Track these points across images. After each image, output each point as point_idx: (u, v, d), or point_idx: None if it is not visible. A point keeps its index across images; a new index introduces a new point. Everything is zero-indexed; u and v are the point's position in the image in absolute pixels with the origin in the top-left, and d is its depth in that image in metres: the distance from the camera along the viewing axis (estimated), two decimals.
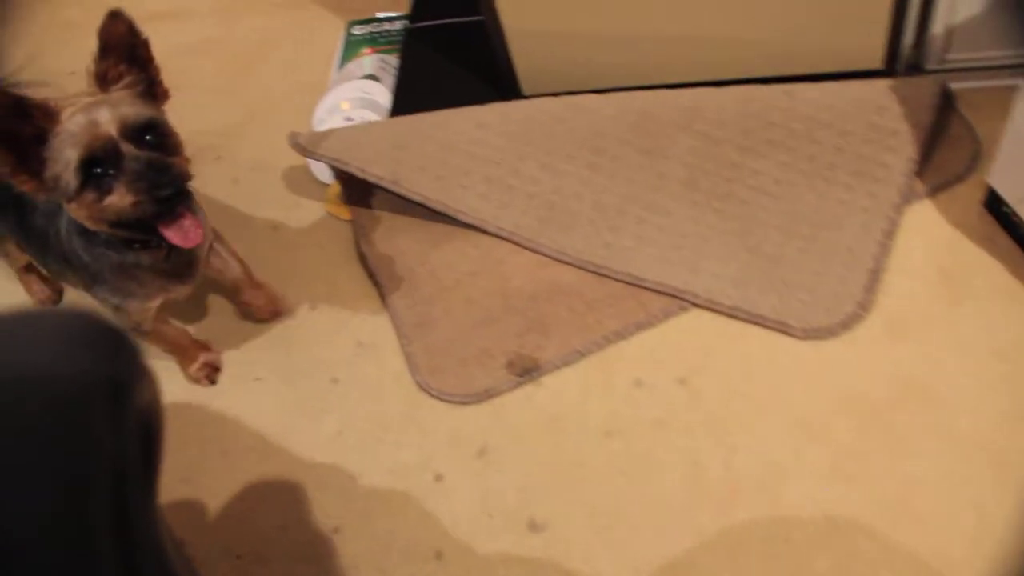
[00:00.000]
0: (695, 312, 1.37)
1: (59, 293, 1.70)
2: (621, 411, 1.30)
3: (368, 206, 1.57)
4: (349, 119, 1.72)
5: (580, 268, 1.43)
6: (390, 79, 1.81)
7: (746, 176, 1.44)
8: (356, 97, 1.76)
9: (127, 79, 1.14)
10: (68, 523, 0.65)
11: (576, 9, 1.44)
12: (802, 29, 1.45)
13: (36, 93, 1.27)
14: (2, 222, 1.41)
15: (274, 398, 1.43)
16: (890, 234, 1.37)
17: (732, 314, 1.34)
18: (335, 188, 1.64)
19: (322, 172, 1.68)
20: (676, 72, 1.53)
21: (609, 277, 1.41)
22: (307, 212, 1.68)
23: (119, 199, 1.09)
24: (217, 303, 1.59)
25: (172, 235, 1.13)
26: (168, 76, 1.19)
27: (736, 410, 1.27)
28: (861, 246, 1.36)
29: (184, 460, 1.39)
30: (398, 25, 1.95)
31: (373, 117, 1.71)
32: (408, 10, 1.96)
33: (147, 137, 1.11)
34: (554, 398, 1.33)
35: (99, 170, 1.08)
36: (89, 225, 1.15)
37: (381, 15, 1.99)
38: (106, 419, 0.69)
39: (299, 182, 1.73)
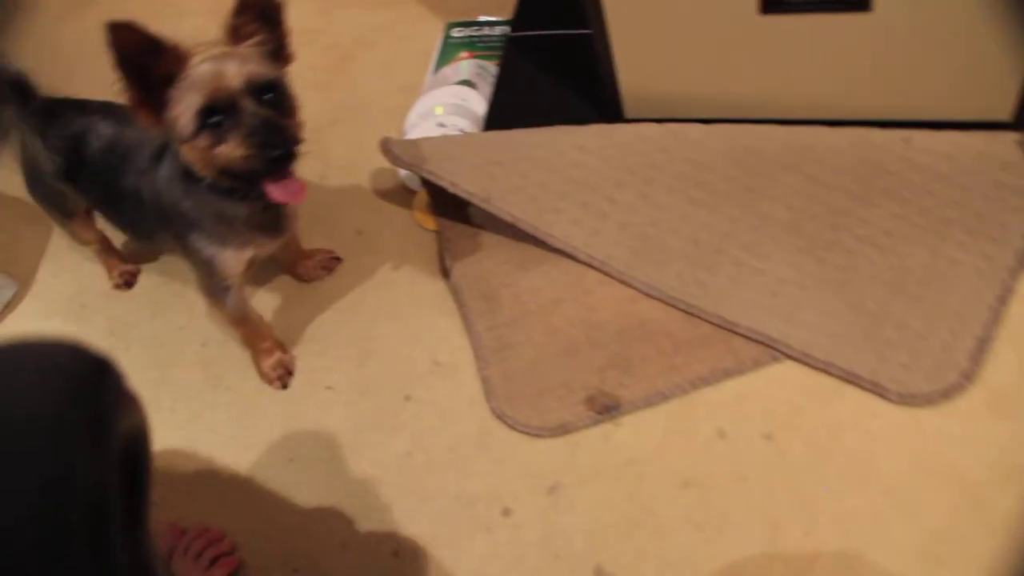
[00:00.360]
0: (787, 364, 1.33)
1: (135, 275, 1.72)
2: (701, 461, 1.27)
3: (456, 219, 1.56)
4: (442, 125, 1.70)
5: (670, 306, 1.39)
6: (486, 86, 1.79)
7: (854, 225, 1.39)
8: (451, 103, 1.75)
9: (258, 37, 1.21)
10: (45, 560, 0.65)
11: (690, 36, 1.41)
12: (927, 73, 1.40)
13: None
14: (87, 193, 1.49)
15: (345, 410, 1.42)
16: (1003, 300, 1.31)
17: (826, 370, 1.30)
18: (423, 196, 1.63)
19: (411, 178, 1.67)
20: (788, 108, 1.48)
21: (700, 318, 1.38)
22: (392, 218, 1.67)
23: (231, 150, 1.15)
24: (290, 309, 1.59)
25: (275, 191, 1.19)
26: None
27: (822, 473, 1.22)
28: (970, 311, 1.30)
29: (249, 463, 1.40)
30: (498, 31, 1.93)
31: (467, 125, 1.70)
32: (511, 16, 1.94)
33: (267, 96, 1.17)
34: (632, 440, 1.30)
35: (217, 119, 1.14)
36: (198, 169, 1.22)
37: (482, 19, 1.98)
38: (85, 453, 0.70)
39: (386, 186, 1.73)
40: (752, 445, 1.27)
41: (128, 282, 1.72)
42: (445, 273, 1.52)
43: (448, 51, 1.93)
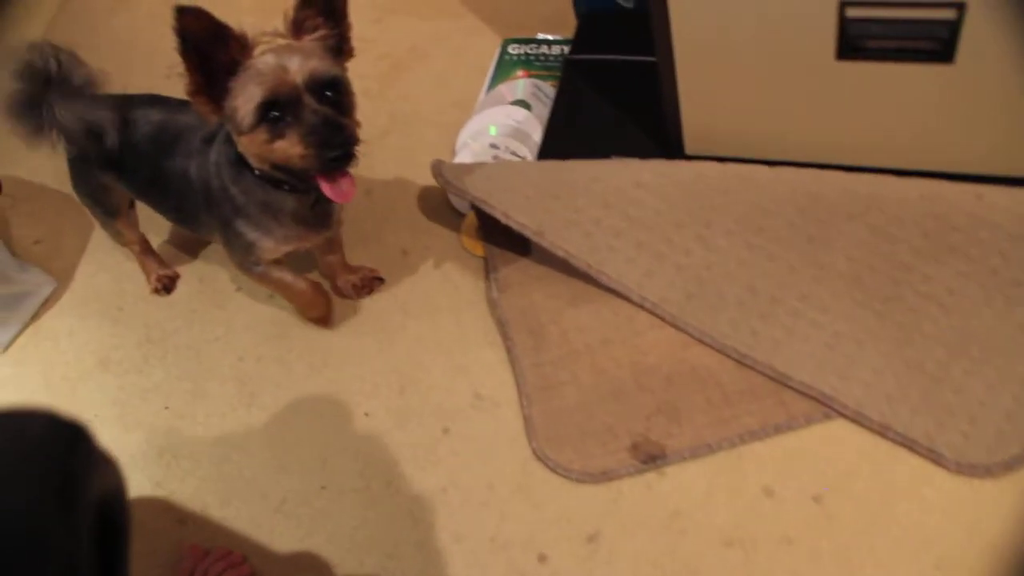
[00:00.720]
0: (840, 422, 1.30)
1: (174, 280, 1.72)
2: (746, 520, 1.24)
3: (504, 247, 1.54)
4: (495, 147, 1.69)
5: (722, 353, 1.37)
6: (542, 108, 1.77)
7: (917, 281, 1.36)
8: (504, 124, 1.73)
9: (321, 31, 1.21)
10: None
11: (761, 75, 1.38)
12: (1006, 127, 1.36)
13: None
14: (134, 180, 1.49)
15: (382, 438, 1.41)
16: None
17: (881, 432, 1.27)
18: (471, 220, 1.62)
19: (459, 201, 1.65)
20: (856, 154, 1.45)
21: (752, 368, 1.35)
22: (438, 240, 1.66)
23: (289, 146, 1.16)
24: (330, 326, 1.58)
25: (328, 189, 1.20)
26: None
27: (871, 541, 1.20)
28: None
29: (282, 488, 1.39)
30: (556, 50, 1.92)
31: (520, 147, 1.68)
32: (569, 35, 1.92)
33: (328, 93, 1.18)
34: (676, 492, 1.28)
35: (277, 113, 1.15)
36: (252, 161, 1.23)
37: (541, 37, 1.96)
38: (57, 526, 0.72)
39: (434, 206, 1.71)
40: (800, 506, 1.24)
41: (167, 287, 1.72)
42: (491, 303, 1.51)
43: (504, 68, 1.91)
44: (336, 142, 1.15)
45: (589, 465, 1.30)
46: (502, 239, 1.53)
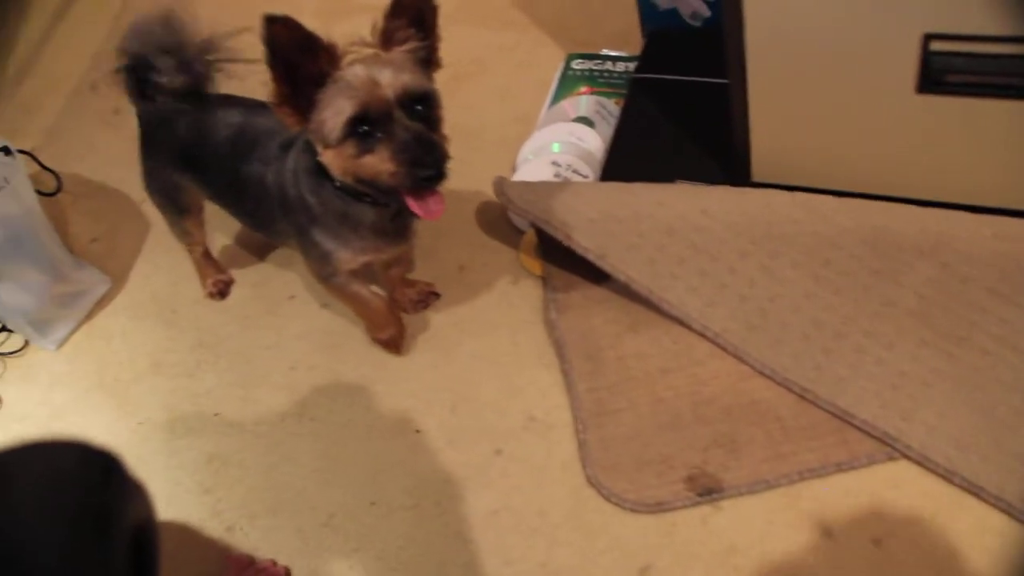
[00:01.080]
0: (903, 464, 1.29)
1: (229, 285, 1.74)
2: (803, 559, 1.23)
3: (564, 267, 1.54)
4: (556, 164, 1.69)
5: (783, 387, 1.36)
6: (605, 126, 1.77)
7: (991, 323, 1.34)
8: (567, 141, 1.73)
9: (411, 43, 1.19)
10: None
11: (836, 104, 1.37)
12: None
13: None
14: (209, 183, 1.49)
15: (432, 457, 1.42)
16: None
17: (946, 477, 1.25)
18: (531, 238, 1.62)
19: (519, 218, 1.65)
20: (929, 189, 1.44)
21: (813, 403, 1.34)
22: (497, 257, 1.66)
23: (378, 162, 1.14)
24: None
25: (416, 206, 1.17)
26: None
27: None
28: None
29: (331, 501, 1.40)
30: (621, 67, 1.91)
31: (582, 166, 1.68)
32: (635, 52, 1.92)
33: (418, 107, 1.16)
34: (732, 527, 1.27)
35: (366, 128, 1.13)
36: (335, 174, 1.22)
37: (605, 53, 1.96)
38: (93, 557, 0.75)
39: (493, 222, 1.72)
40: (859, 549, 1.23)
41: (222, 292, 1.74)
42: (549, 325, 1.51)
43: (567, 83, 1.91)
44: (428, 160, 1.12)
45: (644, 495, 1.30)
46: (562, 259, 1.53)
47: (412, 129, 1.13)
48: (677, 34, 1.89)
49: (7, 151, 1.67)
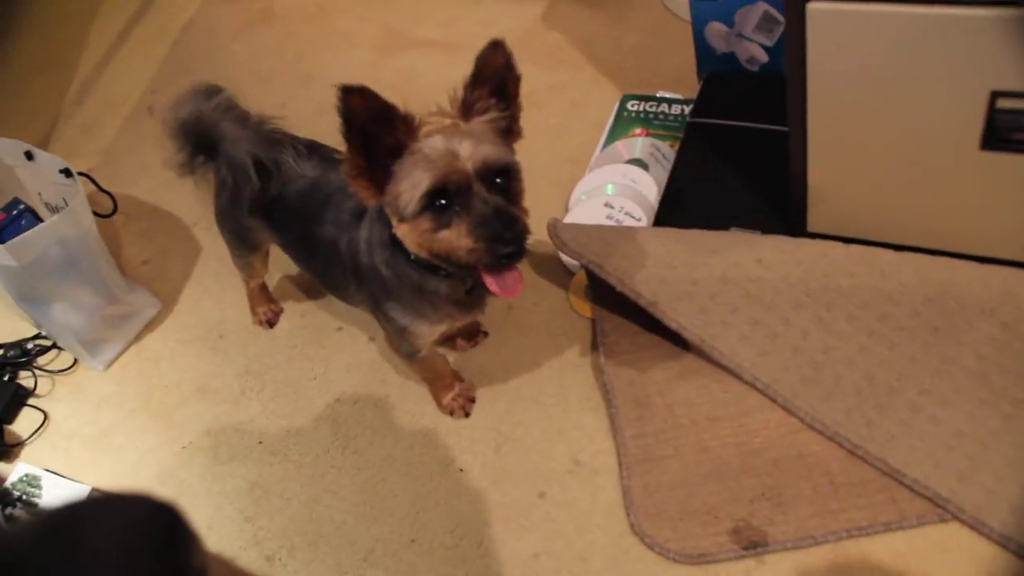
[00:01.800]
0: (955, 526, 1.28)
1: (278, 315, 1.77)
2: None
3: (614, 311, 1.56)
4: (609, 206, 1.71)
5: (834, 442, 1.36)
6: (659, 169, 1.79)
7: None
8: (620, 183, 1.75)
9: (491, 113, 1.17)
10: None
11: (898, 158, 1.37)
12: None
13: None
14: (282, 235, 1.48)
15: (475, 497, 1.43)
16: None
17: (1001, 543, 1.24)
18: (581, 280, 1.64)
19: (570, 259, 1.67)
20: (991, 245, 1.44)
21: (864, 460, 1.33)
22: (546, 296, 1.68)
23: (456, 237, 1.11)
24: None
25: (493, 283, 1.13)
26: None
27: None
28: None
29: (371, 536, 1.42)
30: (676, 110, 1.93)
31: (636, 209, 1.70)
32: (690, 94, 1.94)
33: (498, 180, 1.13)
34: None
35: (443, 202, 1.10)
36: (409, 247, 1.19)
37: (661, 94, 1.98)
38: None
39: (543, 261, 1.74)
40: None
41: (270, 321, 1.77)
42: (597, 368, 1.52)
43: (622, 124, 1.94)
44: (508, 236, 1.08)
45: (687, 546, 1.30)
46: (612, 303, 1.55)
47: (491, 203, 1.10)
48: (734, 78, 1.91)
49: (68, 173, 1.73)
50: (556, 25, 2.23)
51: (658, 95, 1.99)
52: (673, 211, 1.66)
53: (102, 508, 0.88)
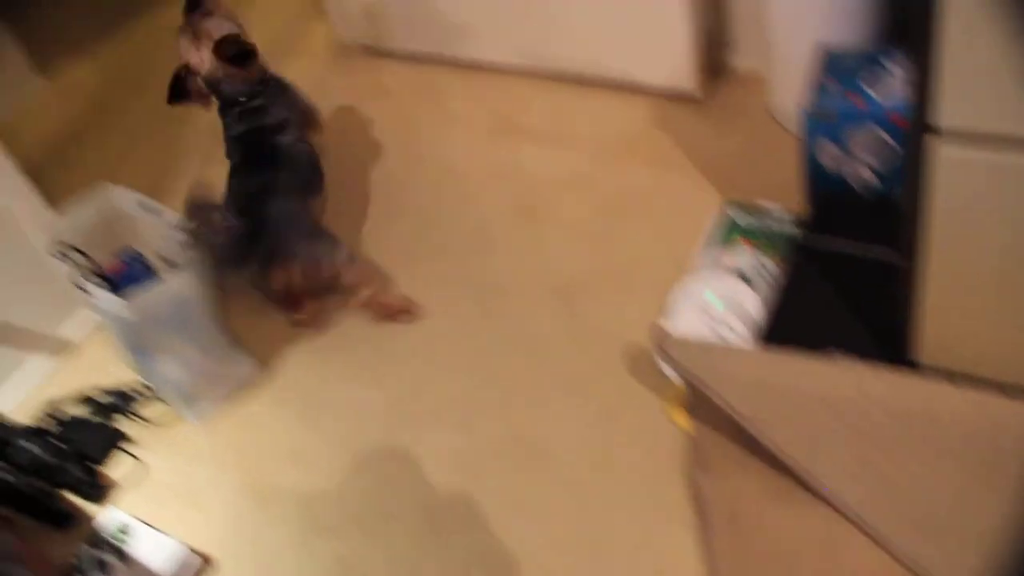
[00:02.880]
0: None
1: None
2: None
3: (714, 427, 1.51)
4: (710, 316, 1.68)
5: None
6: (762, 284, 1.76)
7: None
8: (722, 294, 1.72)
9: None
10: None
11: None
12: None
13: None
14: None
15: None
16: None
17: None
18: (679, 390, 1.60)
19: (669, 367, 1.64)
20: None
21: None
22: (641, 401, 1.64)
23: None
24: (518, 472, 1.58)
25: None
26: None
27: None
28: None
29: None
30: (780, 223, 1.90)
31: (736, 322, 1.67)
32: (794, 207, 1.90)
33: None
34: None
35: None
36: None
37: (763, 204, 1.95)
38: None
39: (639, 365, 1.70)
40: None
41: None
42: (692, 482, 1.48)
43: (724, 232, 1.91)
44: None
45: None
46: (711, 417, 1.51)
47: None
48: (845, 201, 1.87)
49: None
50: (661, 125, 2.22)
51: (761, 205, 1.96)
52: (778, 333, 1.63)
53: None
